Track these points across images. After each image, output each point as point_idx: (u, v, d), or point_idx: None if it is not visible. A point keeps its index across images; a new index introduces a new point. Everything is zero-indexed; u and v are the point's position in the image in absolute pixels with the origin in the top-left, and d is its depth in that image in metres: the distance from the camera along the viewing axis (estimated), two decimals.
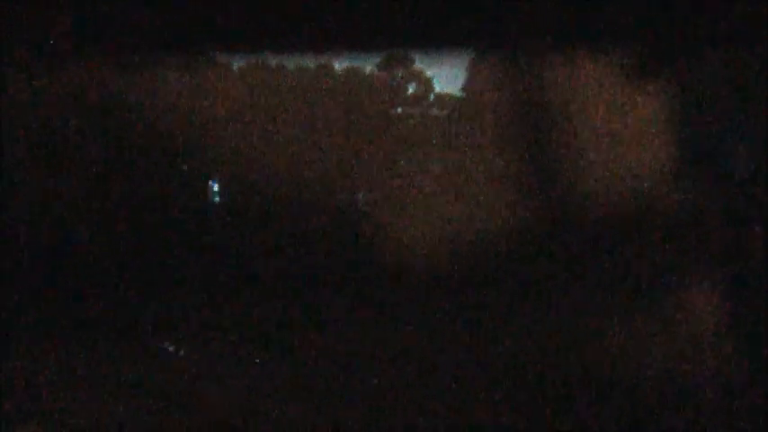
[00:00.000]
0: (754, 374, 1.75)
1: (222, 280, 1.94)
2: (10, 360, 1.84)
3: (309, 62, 1.98)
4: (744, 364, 1.75)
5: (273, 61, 1.99)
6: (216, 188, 2.05)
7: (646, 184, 1.79)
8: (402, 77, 2.04)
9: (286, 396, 1.90)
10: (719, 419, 1.76)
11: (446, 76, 2.02)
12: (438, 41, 1.94)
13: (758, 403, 1.74)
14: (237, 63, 1.98)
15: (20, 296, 1.85)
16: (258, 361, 1.91)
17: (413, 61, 2.02)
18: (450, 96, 2.02)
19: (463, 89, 2.01)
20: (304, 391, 1.91)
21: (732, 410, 1.75)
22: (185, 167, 2.00)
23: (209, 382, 1.90)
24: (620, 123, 1.83)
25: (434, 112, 2.02)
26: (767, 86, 1.73)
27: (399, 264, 1.94)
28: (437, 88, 2.03)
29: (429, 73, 2.03)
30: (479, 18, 1.85)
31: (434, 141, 2.01)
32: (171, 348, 1.90)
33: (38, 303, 1.87)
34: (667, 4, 1.75)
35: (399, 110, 2.02)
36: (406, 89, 2.03)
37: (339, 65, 2.02)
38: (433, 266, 1.91)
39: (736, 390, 1.76)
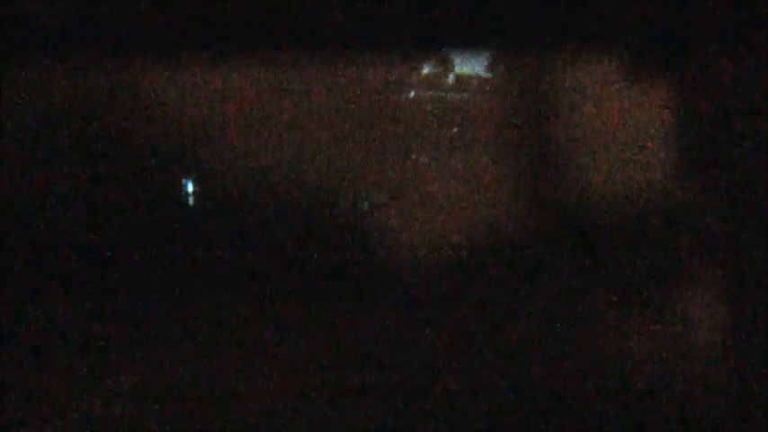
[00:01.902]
0: (754, 375, 1.79)
1: (201, 290, 1.84)
2: (9, 361, 1.81)
3: (301, 39, 1.82)
4: (744, 365, 1.80)
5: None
6: (190, 188, 1.83)
7: (646, 184, 1.81)
8: (415, 54, 1.85)
9: (284, 399, 1.82)
10: (720, 420, 1.80)
11: (469, 53, 1.85)
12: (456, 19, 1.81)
13: (758, 404, 1.78)
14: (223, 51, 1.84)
15: (18, 297, 1.82)
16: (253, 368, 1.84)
17: (428, 35, 1.83)
18: (474, 77, 1.85)
19: (489, 68, 1.84)
20: (302, 394, 1.83)
21: (732, 411, 1.80)
22: (153, 162, 1.83)
23: (207, 386, 1.83)
24: (620, 123, 1.82)
25: (455, 96, 1.84)
26: (767, 85, 1.77)
27: (409, 273, 1.84)
28: (458, 67, 1.85)
29: (448, 49, 1.86)
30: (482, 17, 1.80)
31: (454, 132, 1.84)
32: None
33: (35, 304, 1.82)
34: (667, 4, 1.78)
35: (412, 94, 1.84)
36: (421, 69, 1.85)
37: (338, 40, 1.83)
38: (443, 273, 1.83)
39: (737, 390, 1.80)
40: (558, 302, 1.82)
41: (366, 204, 1.83)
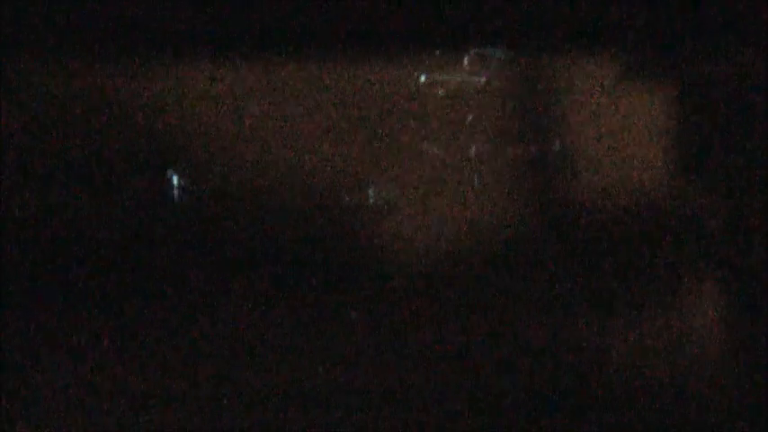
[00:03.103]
0: (754, 374, 1.85)
1: (199, 289, 1.79)
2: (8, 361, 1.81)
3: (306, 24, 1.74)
4: (744, 365, 1.85)
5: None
6: (176, 181, 1.72)
7: (646, 185, 1.83)
8: (427, 34, 1.76)
9: (279, 400, 1.80)
10: (719, 420, 1.85)
11: (486, 32, 1.77)
12: None
13: (758, 403, 1.84)
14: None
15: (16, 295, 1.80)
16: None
17: (440, 12, 1.75)
18: (492, 58, 1.77)
19: (509, 47, 1.77)
20: (300, 394, 1.80)
21: (732, 410, 1.85)
22: (138, 152, 1.73)
23: (203, 386, 1.80)
24: (620, 123, 1.82)
25: (470, 79, 1.76)
26: (767, 86, 1.82)
27: (418, 275, 1.79)
28: (474, 48, 1.76)
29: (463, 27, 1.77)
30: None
31: (469, 119, 1.76)
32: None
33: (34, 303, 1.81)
34: (668, 5, 1.80)
35: (423, 78, 1.75)
36: (433, 50, 1.75)
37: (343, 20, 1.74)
38: (447, 271, 1.81)
39: (736, 390, 1.85)
40: (558, 302, 1.81)
41: (371, 200, 1.76)
